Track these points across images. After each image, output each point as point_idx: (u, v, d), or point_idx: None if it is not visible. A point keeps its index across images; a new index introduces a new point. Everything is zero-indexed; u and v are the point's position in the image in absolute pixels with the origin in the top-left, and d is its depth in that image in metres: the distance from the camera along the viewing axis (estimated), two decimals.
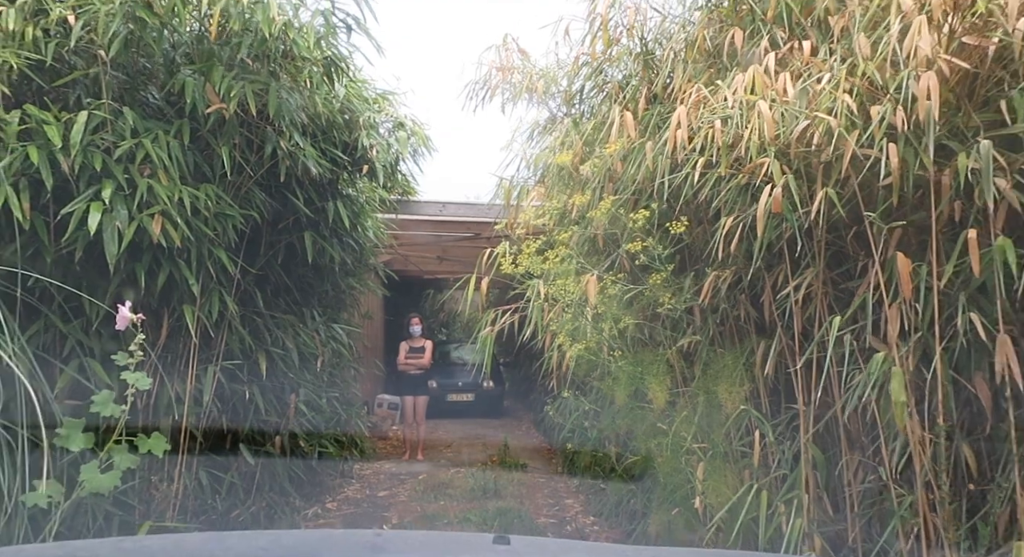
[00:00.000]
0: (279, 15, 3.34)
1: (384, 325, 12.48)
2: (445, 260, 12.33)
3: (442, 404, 11.64)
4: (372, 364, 9.69)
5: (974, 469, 2.48)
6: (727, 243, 2.76)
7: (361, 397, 8.55)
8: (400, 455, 8.87)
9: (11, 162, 3.20)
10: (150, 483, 3.88)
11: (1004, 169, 2.25)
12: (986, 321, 2.33)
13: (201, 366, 4.12)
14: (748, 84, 2.62)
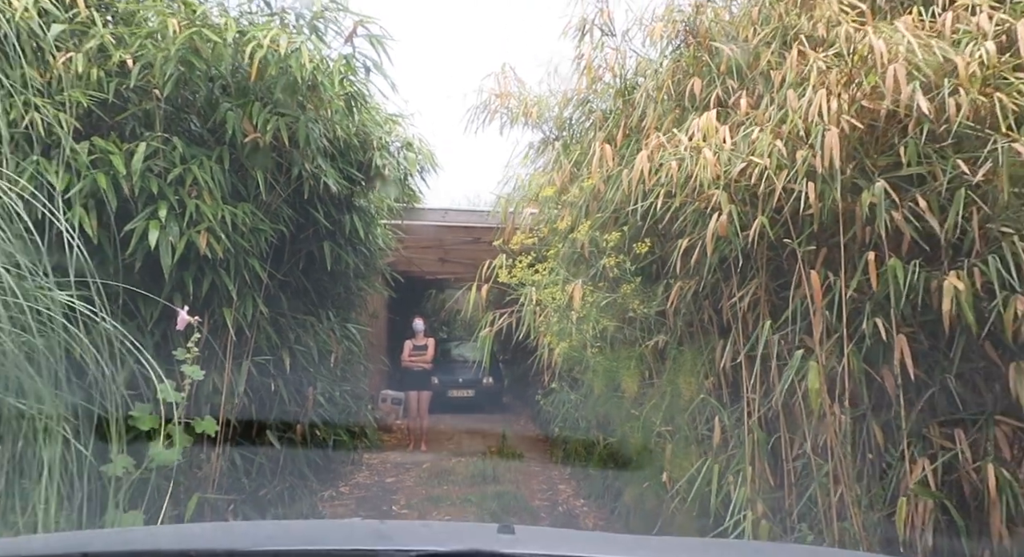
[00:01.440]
0: (309, 62, 3.92)
1: (388, 323, 13.05)
2: (447, 262, 12.90)
3: (444, 399, 12.20)
4: (378, 360, 10.27)
5: (881, 443, 3.06)
6: (686, 259, 3.34)
7: (369, 391, 9.14)
8: (405, 446, 9.46)
9: (82, 187, 3.78)
10: (193, 463, 4.46)
11: (897, 204, 2.83)
12: (889, 324, 2.91)
13: (236, 361, 4.70)
14: (701, 130, 3.21)
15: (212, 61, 4.10)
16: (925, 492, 2.85)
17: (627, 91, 4.17)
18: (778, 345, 3.12)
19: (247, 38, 3.91)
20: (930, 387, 3.04)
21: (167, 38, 3.95)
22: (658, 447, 3.92)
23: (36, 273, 2.71)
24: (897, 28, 2.67)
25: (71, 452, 2.84)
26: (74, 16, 4.10)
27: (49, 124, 3.73)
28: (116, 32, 4.15)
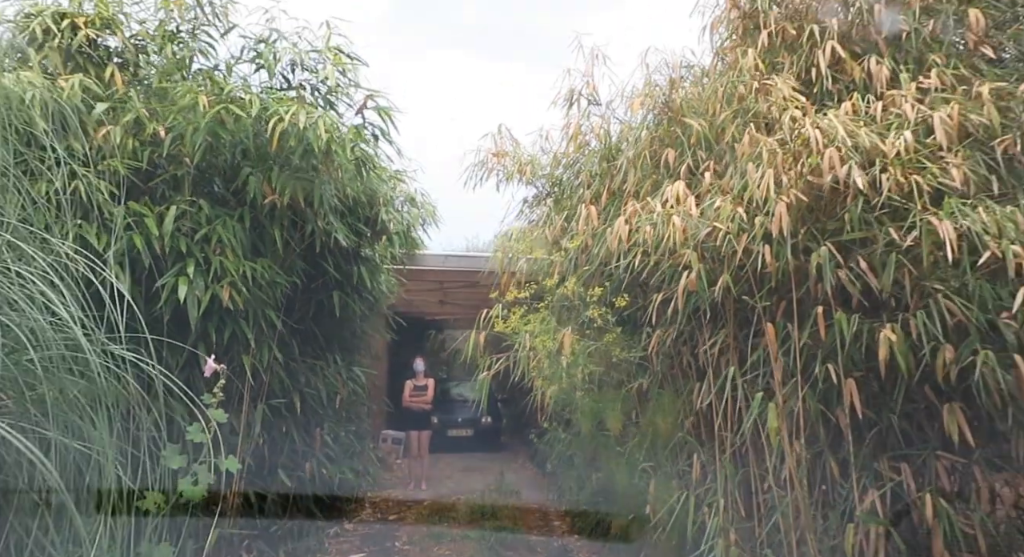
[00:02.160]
0: (325, 133, 4.37)
1: (389, 364, 13.38)
2: (446, 303, 13.29)
3: (443, 438, 12.46)
4: (379, 400, 10.59)
5: (836, 476, 3.43)
6: (662, 311, 3.75)
7: (371, 431, 9.45)
8: (405, 484, 9.72)
9: (119, 247, 4.20)
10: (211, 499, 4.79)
11: (841, 264, 3.25)
12: (839, 370, 3.31)
13: (252, 404, 5.07)
14: (672, 197, 3.64)
15: (236, 132, 4.55)
16: (871, 519, 3.21)
17: (611, 156, 4.63)
18: (743, 388, 3.50)
19: (270, 112, 4.37)
20: (878, 425, 3.43)
21: (197, 113, 4.41)
22: (642, 482, 4.27)
23: (92, 328, 3.10)
24: (831, 118, 3.12)
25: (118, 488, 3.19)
26: (112, 93, 4.57)
27: (89, 191, 4.17)
28: (150, 106, 4.62)
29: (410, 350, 11.92)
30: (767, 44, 3.90)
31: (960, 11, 3.53)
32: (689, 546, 3.76)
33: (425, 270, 9.65)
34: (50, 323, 2.97)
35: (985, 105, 3.19)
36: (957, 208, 2.93)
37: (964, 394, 3.20)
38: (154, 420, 4.08)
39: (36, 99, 3.99)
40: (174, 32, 5.04)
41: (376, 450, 9.86)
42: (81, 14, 4.82)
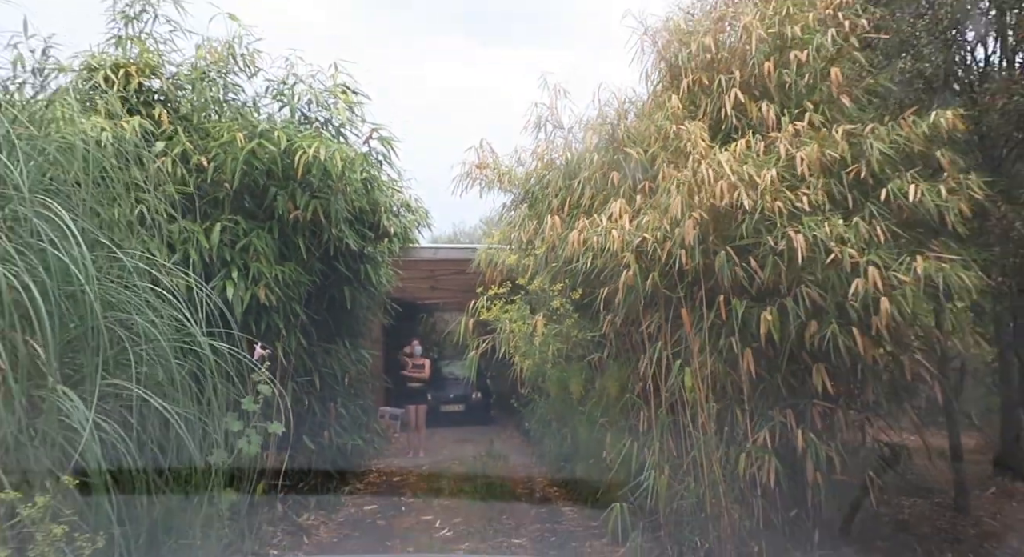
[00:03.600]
0: (340, 161, 5.43)
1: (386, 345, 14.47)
2: (436, 289, 14.39)
3: (437, 414, 13.59)
4: (378, 379, 11.72)
5: (740, 421, 4.59)
6: (609, 300, 4.87)
7: (374, 406, 10.58)
8: (404, 454, 10.88)
9: (177, 258, 5.26)
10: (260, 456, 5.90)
11: (737, 263, 4.37)
12: (738, 342, 4.44)
13: (282, 382, 6.16)
14: (615, 213, 4.75)
15: (266, 161, 5.61)
16: (760, 451, 4.38)
17: (571, 174, 5.71)
18: (669, 358, 4.65)
19: (295, 146, 5.42)
20: (769, 382, 4.58)
21: (235, 146, 5.46)
22: (600, 434, 5.43)
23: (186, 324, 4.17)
24: (724, 157, 4.23)
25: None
26: (163, 131, 5.59)
27: (150, 213, 5.21)
28: (193, 140, 5.66)
29: (405, 332, 13.00)
30: (687, 90, 5.01)
31: (825, 69, 4.64)
32: (633, 479, 4.92)
33: (418, 260, 10.72)
34: (151, 321, 4.04)
35: (839, 143, 4.32)
36: (810, 224, 4.06)
37: (826, 357, 4.35)
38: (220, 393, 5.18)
39: (108, 139, 5.02)
40: (205, 74, 6.06)
41: (378, 423, 11.00)
42: (132, 63, 5.84)
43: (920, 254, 4.14)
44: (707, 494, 4.58)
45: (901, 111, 4.65)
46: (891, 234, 4.22)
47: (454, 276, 12.09)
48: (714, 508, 4.56)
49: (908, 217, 4.33)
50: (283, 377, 6.24)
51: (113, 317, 3.61)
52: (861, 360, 4.30)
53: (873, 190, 4.40)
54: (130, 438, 3.39)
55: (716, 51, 4.99)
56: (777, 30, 4.82)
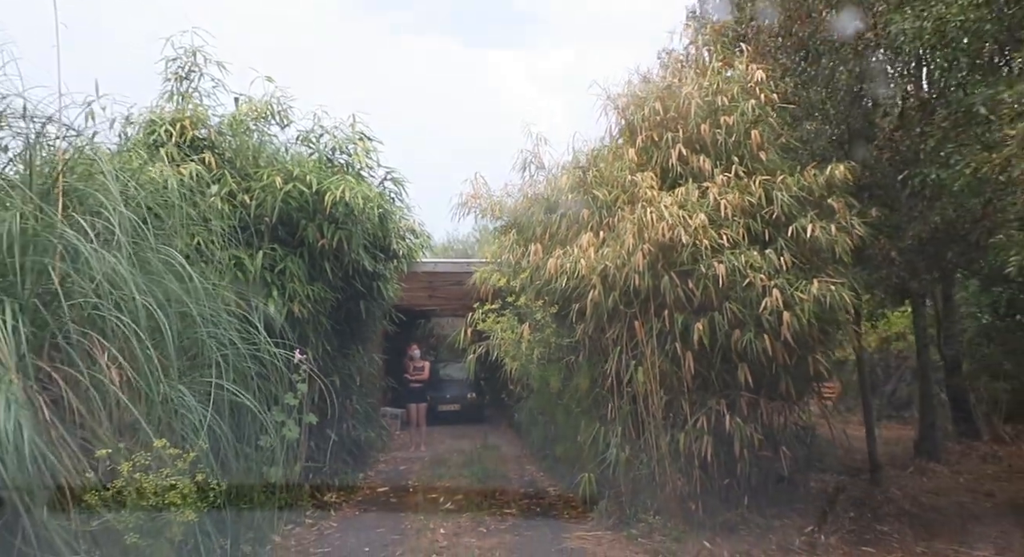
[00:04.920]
0: (361, 200, 6.63)
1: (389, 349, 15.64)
2: (434, 297, 15.60)
3: (434, 413, 14.76)
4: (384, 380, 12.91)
5: (683, 408, 5.81)
6: (580, 314, 6.09)
7: (380, 404, 11.77)
8: (407, 447, 12.06)
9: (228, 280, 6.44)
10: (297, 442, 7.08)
11: (678, 285, 5.59)
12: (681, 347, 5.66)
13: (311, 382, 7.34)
14: (584, 244, 5.97)
15: (299, 200, 6.80)
16: (698, 432, 5.61)
17: (551, 209, 6.93)
18: (627, 360, 5.87)
19: (324, 188, 6.62)
20: (706, 377, 5.80)
21: (274, 188, 6.65)
22: (575, 421, 6.64)
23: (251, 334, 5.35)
24: (664, 203, 5.46)
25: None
26: (213, 175, 6.77)
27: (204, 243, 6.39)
28: (238, 182, 6.84)
29: (406, 337, 14.18)
30: (641, 144, 6.24)
31: (748, 130, 5.88)
32: (600, 456, 6.14)
33: (418, 273, 11.91)
34: (229, 336, 5.21)
35: (756, 191, 5.56)
36: (730, 256, 5.30)
37: (748, 358, 5.58)
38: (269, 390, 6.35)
39: (172, 183, 6.20)
40: (245, 124, 7.25)
41: (384, 419, 12.20)
42: (186, 116, 7.02)
43: (816, 278, 5.39)
44: (657, 467, 5.80)
45: (808, 164, 5.91)
46: (795, 262, 5.47)
47: (450, 286, 13.31)
48: (662, 478, 5.78)
49: (808, 249, 5.58)
50: (311, 378, 7.43)
51: (205, 330, 4.80)
52: (773, 360, 5.53)
53: (783, 227, 5.65)
54: (221, 420, 4.58)
55: (664, 114, 6.23)
56: (711, 98, 6.07)
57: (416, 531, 6.12)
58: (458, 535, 5.92)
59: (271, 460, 6.03)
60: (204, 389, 4.80)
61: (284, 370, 6.29)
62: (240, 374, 5.30)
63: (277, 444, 6.05)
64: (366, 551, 5.66)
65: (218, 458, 4.75)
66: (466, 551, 5.39)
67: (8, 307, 3.73)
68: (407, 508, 7.25)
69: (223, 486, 4.11)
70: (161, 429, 4.18)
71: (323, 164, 7.19)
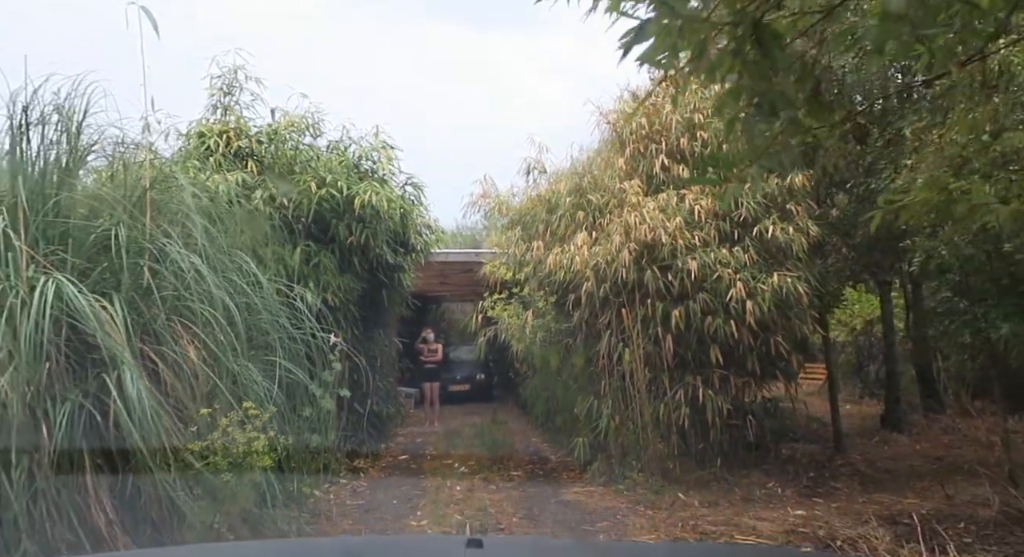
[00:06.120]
0: (386, 203, 7.59)
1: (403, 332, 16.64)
2: (445, 284, 16.59)
3: (445, 393, 15.78)
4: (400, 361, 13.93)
5: (664, 384, 6.79)
6: (576, 302, 7.06)
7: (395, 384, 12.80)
8: (422, 423, 13.10)
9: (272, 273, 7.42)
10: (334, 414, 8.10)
11: (659, 278, 6.54)
12: (662, 331, 6.62)
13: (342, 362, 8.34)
14: (579, 242, 6.93)
15: (332, 202, 7.76)
16: (677, 404, 6.58)
17: (551, 210, 7.87)
18: (616, 342, 6.84)
19: (353, 192, 7.58)
20: (684, 357, 6.77)
21: (310, 193, 7.61)
22: (572, 396, 7.63)
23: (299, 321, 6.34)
24: (646, 208, 6.40)
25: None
26: (256, 181, 7.73)
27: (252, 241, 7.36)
28: (277, 187, 7.81)
29: (420, 321, 15.17)
30: (629, 155, 7.18)
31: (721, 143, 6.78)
32: (593, 425, 7.13)
33: (431, 262, 12.89)
34: (281, 321, 6.20)
35: None
36: (702, 253, 6.25)
37: (719, 340, 6.54)
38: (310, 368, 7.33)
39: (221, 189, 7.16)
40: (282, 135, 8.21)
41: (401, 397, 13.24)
42: (230, 128, 7.98)
43: (776, 271, 6.34)
44: (641, 433, 6.78)
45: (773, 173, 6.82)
46: (758, 258, 6.41)
47: (460, 274, 14.30)
48: (646, 442, 6.76)
49: (770, 246, 6.52)
50: (342, 358, 8.43)
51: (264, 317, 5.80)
52: (740, 342, 6.49)
53: (749, 228, 6.58)
54: (279, 392, 5.58)
55: (649, 128, 7.16)
56: (689, 115, 6.98)
57: (435, 488, 7.13)
58: (472, 491, 6.93)
59: (312, 428, 7.04)
60: (263, 366, 5.82)
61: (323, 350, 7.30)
62: (290, 354, 6.31)
63: (316, 415, 7.07)
64: (394, 503, 6.67)
65: (275, 424, 5.76)
66: (479, 502, 6.40)
67: (117, 300, 4.72)
68: (426, 472, 8.28)
69: (288, 441, 5.12)
70: (234, 397, 5.19)
71: (351, 170, 8.14)
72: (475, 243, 21.06)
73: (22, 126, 4.98)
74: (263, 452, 4.73)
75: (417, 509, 6.35)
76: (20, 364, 4.15)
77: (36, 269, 4.58)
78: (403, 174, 8.21)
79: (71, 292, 4.36)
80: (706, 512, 5.79)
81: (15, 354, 4.17)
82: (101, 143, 5.64)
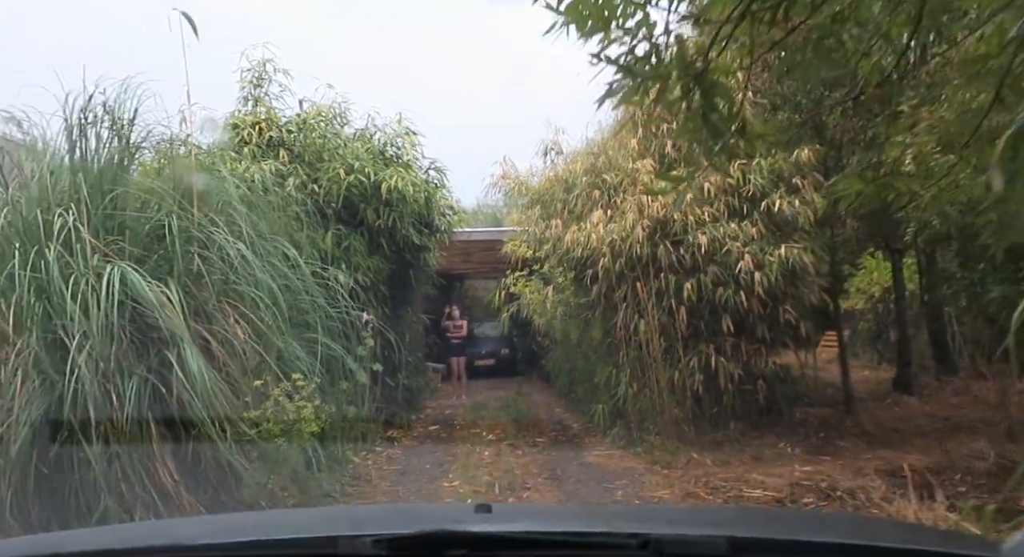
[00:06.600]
0: (411, 187, 8.00)
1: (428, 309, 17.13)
2: (468, 262, 17.04)
3: (471, 368, 16.27)
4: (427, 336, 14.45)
5: (679, 352, 7.18)
6: (594, 277, 7.45)
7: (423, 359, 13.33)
8: (449, 396, 13.62)
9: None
10: None
11: (672, 252, 6.90)
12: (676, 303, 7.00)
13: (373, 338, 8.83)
14: (595, 220, 7.30)
15: (360, 188, 8.19)
16: (690, 371, 6.97)
17: (568, 189, 8.23)
18: (633, 314, 7.23)
19: (380, 178, 8.00)
20: (697, 326, 7.14)
21: (340, 179, 8.04)
22: (592, 365, 8.05)
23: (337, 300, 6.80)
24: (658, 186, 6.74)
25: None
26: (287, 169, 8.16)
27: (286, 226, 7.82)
28: (308, 173, 8.24)
29: (444, 298, 15.64)
30: (641, 135, 7.50)
31: None
32: (612, 393, 7.55)
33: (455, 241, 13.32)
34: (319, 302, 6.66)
35: (735, 173, 6.81)
36: (712, 228, 6.59)
37: (729, 310, 6.90)
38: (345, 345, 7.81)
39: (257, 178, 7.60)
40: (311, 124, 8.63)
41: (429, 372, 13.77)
42: (261, 120, 8.41)
43: (784, 244, 6.67)
44: (658, 399, 7.19)
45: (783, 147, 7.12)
46: (766, 231, 6.74)
47: (482, 252, 14.72)
48: (662, 407, 7.17)
49: (777, 220, 6.84)
50: (373, 335, 8.91)
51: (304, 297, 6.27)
52: (750, 312, 6.85)
53: (758, 202, 6.90)
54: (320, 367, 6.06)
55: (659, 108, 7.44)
56: None
57: (465, 454, 7.62)
58: (499, 456, 7.40)
59: (349, 400, 7.54)
60: (303, 343, 6.29)
61: (356, 327, 7.77)
62: (327, 331, 6.78)
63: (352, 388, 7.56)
64: (427, 467, 7.17)
65: (317, 395, 6.25)
66: (506, 465, 6.87)
67: (172, 284, 5.19)
68: (456, 440, 8.77)
69: (331, 410, 5.61)
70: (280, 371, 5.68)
71: (377, 157, 8.55)
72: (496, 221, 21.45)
73: (81, 128, 5.46)
74: (310, 419, 5.21)
75: (449, 472, 6.83)
76: (94, 343, 4.65)
77: (99, 258, 5.06)
78: (426, 159, 8.62)
79: (135, 278, 4.84)
80: (718, 470, 6.20)
81: (89, 334, 4.67)
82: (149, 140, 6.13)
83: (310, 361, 6.02)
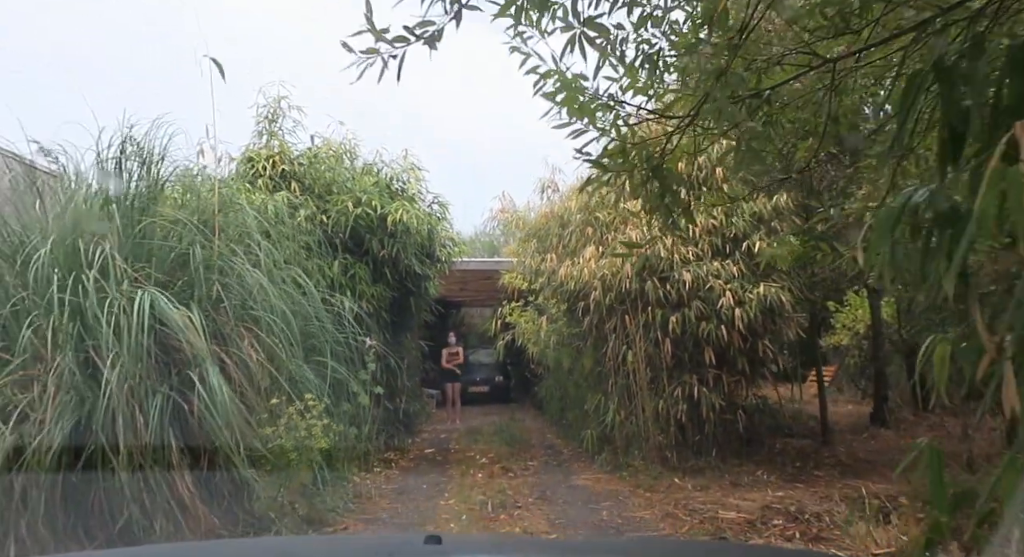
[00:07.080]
0: (415, 220, 8.48)
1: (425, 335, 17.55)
2: (464, 290, 17.49)
3: (465, 394, 16.64)
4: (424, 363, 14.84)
5: (663, 382, 7.61)
6: (585, 309, 7.91)
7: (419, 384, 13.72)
8: (444, 421, 13.98)
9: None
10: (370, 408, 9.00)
11: (657, 287, 7.37)
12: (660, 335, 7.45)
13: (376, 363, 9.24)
14: (588, 256, 7.78)
15: (366, 219, 8.67)
16: (674, 400, 7.41)
17: (563, 225, 8.73)
18: (621, 345, 7.68)
19: (386, 211, 8.48)
20: (682, 357, 7.59)
21: (348, 212, 8.53)
22: (582, 393, 8.47)
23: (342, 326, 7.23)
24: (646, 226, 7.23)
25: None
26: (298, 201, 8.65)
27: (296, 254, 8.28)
28: (318, 205, 8.73)
29: (441, 325, 16.05)
30: None
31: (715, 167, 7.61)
32: (601, 419, 7.96)
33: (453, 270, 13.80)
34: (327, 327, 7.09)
35: (718, 216, 7.31)
36: (696, 266, 7.08)
37: (712, 343, 7.35)
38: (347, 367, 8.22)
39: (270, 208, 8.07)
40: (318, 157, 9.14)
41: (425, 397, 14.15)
42: (275, 153, 8.92)
43: (763, 282, 7.15)
44: (643, 426, 7.61)
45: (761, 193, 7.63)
46: (746, 270, 7.22)
47: (479, 281, 15.20)
48: (647, 434, 7.59)
49: (756, 260, 7.33)
50: (375, 359, 9.33)
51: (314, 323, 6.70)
52: (731, 345, 7.31)
53: (739, 243, 7.39)
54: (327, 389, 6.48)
55: None
56: None
57: (460, 475, 8.00)
58: (492, 478, 7.78)
59: (351, 422, 7.93)
60: (312, 366, 6.72)
61: (360, 352, 8.18)
62: (334, 355, 7.20)
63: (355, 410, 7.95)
64: (424, 487, 7.54)
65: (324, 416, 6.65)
66: (498, 486, 7.25)
67: (195, 308, 5.62)
68: (451, 462, 9.15)
69: (339, 428, 6.02)
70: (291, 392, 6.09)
71: (383, 190, 9.05)
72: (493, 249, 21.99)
73: (117, 163, 5.94)
74: (320, 437, 5.62)
75: (445, 491, 7.21)
76: (124, 363, 5.07)
77: (129, 284, 5.51)
78: (430, 194, 9.13)
79: (162, 303, 5.27)
80: (698, 494, 6.60)
81: (120, 355, 5.09)
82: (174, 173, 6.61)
83: (318, 383, 6.44)
